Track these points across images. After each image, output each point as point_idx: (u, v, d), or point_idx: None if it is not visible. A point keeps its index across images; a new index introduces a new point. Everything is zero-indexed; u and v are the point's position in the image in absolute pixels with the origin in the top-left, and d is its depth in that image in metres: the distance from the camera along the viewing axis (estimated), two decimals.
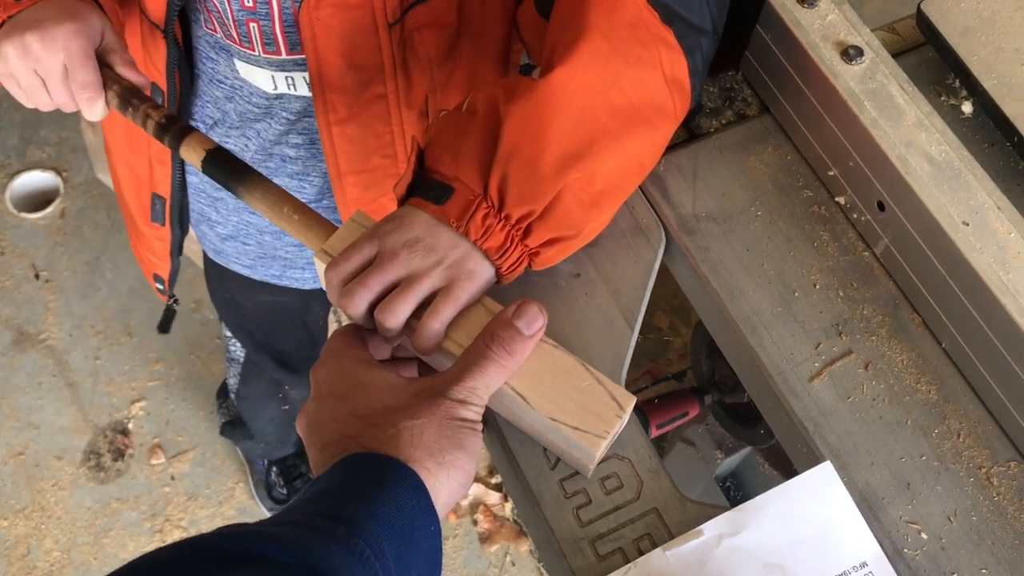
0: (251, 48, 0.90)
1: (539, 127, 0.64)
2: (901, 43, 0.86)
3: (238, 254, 1.18)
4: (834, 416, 0.69)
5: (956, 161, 0.69)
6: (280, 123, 1.00)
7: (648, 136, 0.69)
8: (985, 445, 0.68)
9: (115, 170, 1.19)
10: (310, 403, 0.60)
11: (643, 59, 0.67)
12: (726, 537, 0.64)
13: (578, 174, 0.65)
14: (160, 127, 0.79)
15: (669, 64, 0.68)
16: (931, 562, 0.64)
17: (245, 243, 1.16)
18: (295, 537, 0.45)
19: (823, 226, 0.77)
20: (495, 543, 1.92)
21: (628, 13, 0.67)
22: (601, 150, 0.66)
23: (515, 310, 0.61)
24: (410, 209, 0.65)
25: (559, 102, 0.65)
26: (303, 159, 1.04)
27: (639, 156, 0.69)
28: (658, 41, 0.67)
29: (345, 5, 0.81)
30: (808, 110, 0.77)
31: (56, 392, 2.03)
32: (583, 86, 0.65)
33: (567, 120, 0.65)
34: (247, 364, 1.62)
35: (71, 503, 1.92)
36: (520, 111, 0.64)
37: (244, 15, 0.86)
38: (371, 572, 0.46)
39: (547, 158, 0.64)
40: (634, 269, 0.75)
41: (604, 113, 0.66)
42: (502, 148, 0.64)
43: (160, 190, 1.09)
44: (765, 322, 0.73)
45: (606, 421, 0.62)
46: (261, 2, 0.85)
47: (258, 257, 1.18)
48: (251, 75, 0.95)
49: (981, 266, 0.65)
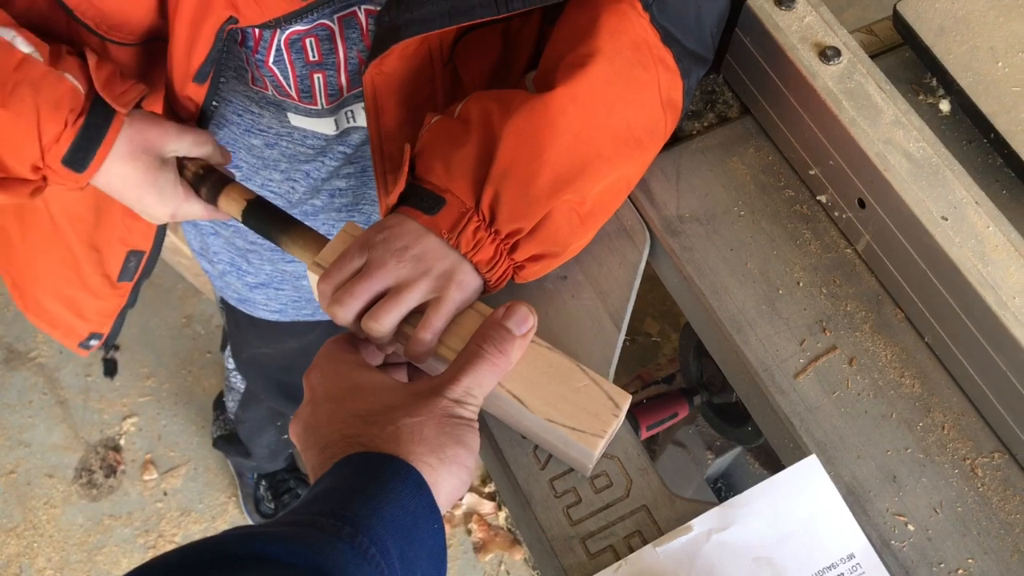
0: (313, 103, 0.85)
1: (536, 148, 0.65)
2: (879, 44, 0.87)
3: (267, 300, 1.14)
4: (820, 411, 0.70)
5: (934, 157, 0.70)
6: (335, 159, 0.95)
7: (640, 157, 0.70)
8: (969, 437, 0.69)
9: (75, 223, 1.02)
10: (304, 407, 0.60)
11: (643, 81, 0.68)
12: (715, 532, 0.64)
13: (570, 195, 0.66)
14: (198, 177, 0.76)
15: (667, 86, 0.69)
16: (918, 553, 0.65)
17: (279, 289, 1.12)
18: (301, 537, 0.45)
19: (805, 224, 0.78)
20: (489, 552, 1.92)
21: (634, 33, 0.68)
22: (594, 172, 0.66)
23: (505, 311, 0.61)
24: (400, 218, 0.66)
25: (558, 125, 0.65)
26: (353, 189, 0.99)
27: (628, 176, 0.70)
28: (658, 63, 0.68)
29: (406, 55, 0.75)
30: (788, 111, 0.78)
31: (47, 410, 2.02)
32: (584, 109, 0.66)
33: (564, 143, 0.65)
34: (247, 394, 1.60)
35: (63, 521, 1.92)
36: (517, 130, 0.65)
37: (309, 69, 0.80)
38: (377, 570, 0.46)
39: (541, 179, 0.65)
40: (620, 270, 0.76)
41: (601, 137, 0.67)
42: (497, 166, 0.64)
43: (139, 245, 1.01)
44: (750, 320, 0.73)
45: (603, 420, 0.62)
46: (327, 52, 0.79)
47: (291, 301, 1.14)
48: (308, 124, 0.89)
49: (960, 260, 0.66)
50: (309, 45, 0.79)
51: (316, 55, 0.79)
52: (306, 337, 1.25)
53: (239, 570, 0.42)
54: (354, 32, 0.78)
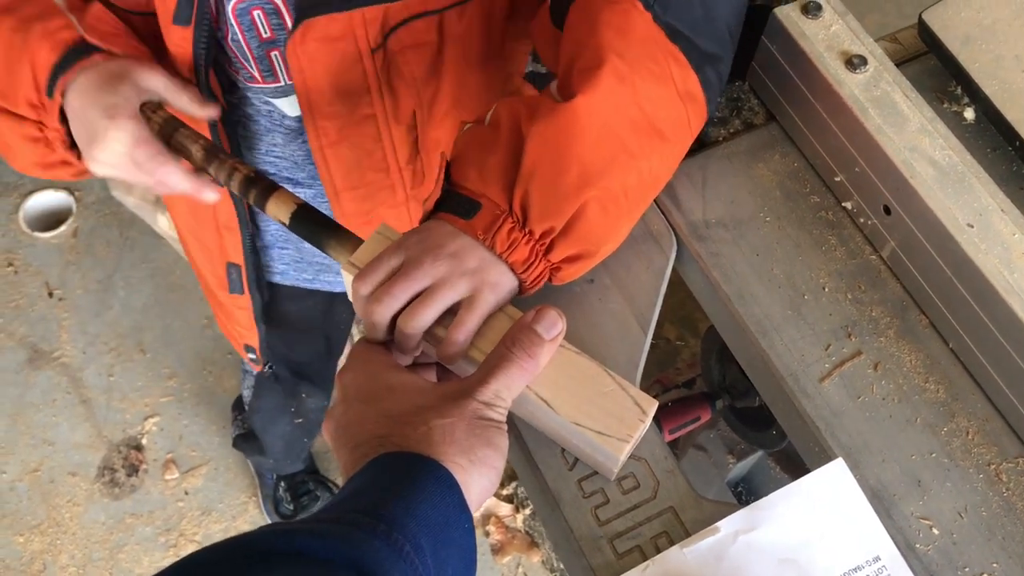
0: (276, 80, 0.90)
1: (560, 148, 0.66)
2: (903, 52, 0.88)
3: (270, 261, 1.17)
4: (845, 415, 0.71)
5: (960, 165, 0.70)
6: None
7: (665, 151, 0.71)
8: (994, 442, 0.70)
9: (188, 247, 1.19)
10: (337, 406, 0.61)
11: (656, 74, 0.69)
12: (741, 534, 0.65)
13: (597, 191, 0.67)
14: (248, 180, 0.78)
15: (681, 79, 0.70)
16: (943, 557, 0.66)
17: (283, 248, 1.16)
18: (339, 534, 0.46)
19: (831, 231, 0.79)
20: (507, 554, 1.93)
21: (639, 31, 0.69)
22: (620, 167, 0.68)
23: (534, 315, 0.62)
24: (436, 222, 0.67)
25: (581, 126, 0.66)
26: None
27: (656, 171, 0.71)
28: (668, 57, 0.70)
29: (328, 38, 0.81)
30: (814, 118, 0.79)
31: (70, 409, 2.05)
32: (604, 108, 0.67)
33: (588, 141, 0.67)
34: (260, 377, 1.63)
35: (86, 519, 1.94)
36: (542, 132, 0.66)
37: (264, 48, 0.86)
38: (411, 567, 0.47)
39: (568, 176, 0.66)
40: (647, 275, 0.77)
41: (624, 131, 0.68)
42: (524, 167, 0.66)
43: (234, 258, 1.08)
44: (776, 325, 0.74)
45: (629, 425, 0.63)
46: (276, 27, 0.85)
47: (293, 261, 1.17)
48: (282, 106, 0.95)
49: (986, 267, 0.67)
50: (258, 19, 0.84)
51: (268, 31, 0.85)
52: (304, 302, 1.29)
53: (275, 566, 0.43)
54: None
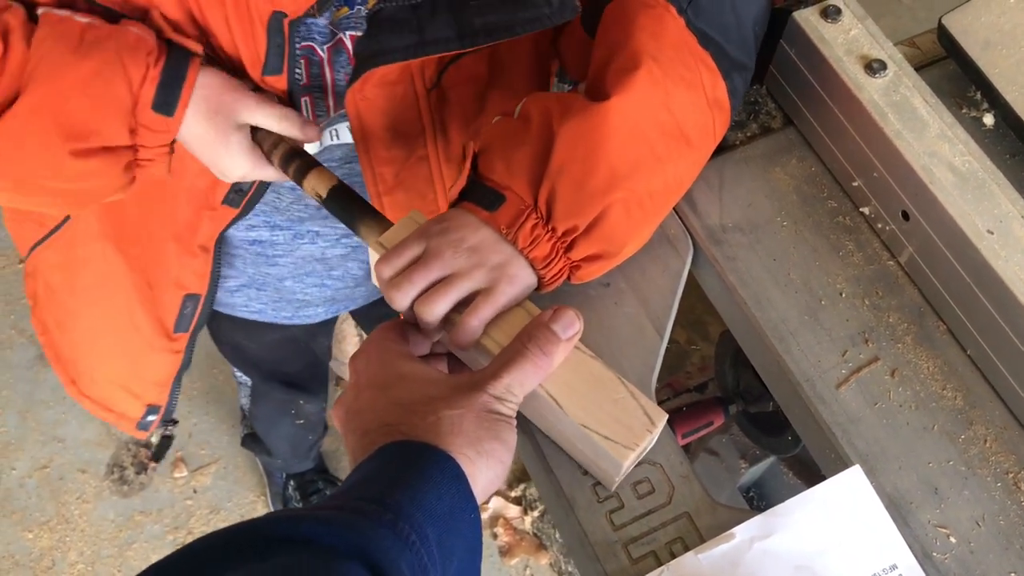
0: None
1: (590, 147, 0.66)
2: (922, 57, 0.88)
3: (248, 300, 1.13)
4: (862, 422, 0.70)
5: (979, 171, 0.70)
6: None
7: (690, 156, 0.71)
8: (1012, 450, 0.69)
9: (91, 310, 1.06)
10: (348, 392, 0.61)
11: (687, 80, 0.69)
12: (757, 540, 0.65)
13: (623, 193, 0.67)
14: (292, 152, 0.78)
15: (711, 86, 0.70)
16: (960, 566, 0.65)
17: (260, 289, 1.12)
18: (343, 521, 0.46)
19: (848, 236, 0.78)
20: (515, 556, 1.92)
21: (672, 35, 0.69)
22: (647, 170, 0.68)
23: (552, 314, 0.62)
24: (460, 212, 0.68)
25: (613, 126, 0.67)
26: None
27: (680, 176, 0.71)
28: (699, 63, 0.70)
29: (386, 82, 0.79)
30: (832, 122, 0.78)
31: (80, 406, 2.05)
32: (636, 110, 0.67)
33: (618, 142, 0.67)
34: (255, 387, 1.62)
35: (95, 516, 1.94)
36: (573, 130, 0.66)
37: (299, 92, 0.83)
38: (416, 556, 0.47)
39: (596, 176, 0.66)
40: (663, 278, 0.76)
41: (653, 134, 0.68)
42: (553, 163, 0.66)
43: (193, 287, 1.00)
44: (792, 330, 0.74)
45: (636, 434, 0.63)
46: (315, 76, 0.82)
47: (272, 302, 1.14)
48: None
49: (1006, 274, 0.66)
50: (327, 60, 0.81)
51: (304, 79, 0.82)
52: (288, 330, 1.25)
53: (280, 552, 0.43)
54: (341, 57, 0.81)
